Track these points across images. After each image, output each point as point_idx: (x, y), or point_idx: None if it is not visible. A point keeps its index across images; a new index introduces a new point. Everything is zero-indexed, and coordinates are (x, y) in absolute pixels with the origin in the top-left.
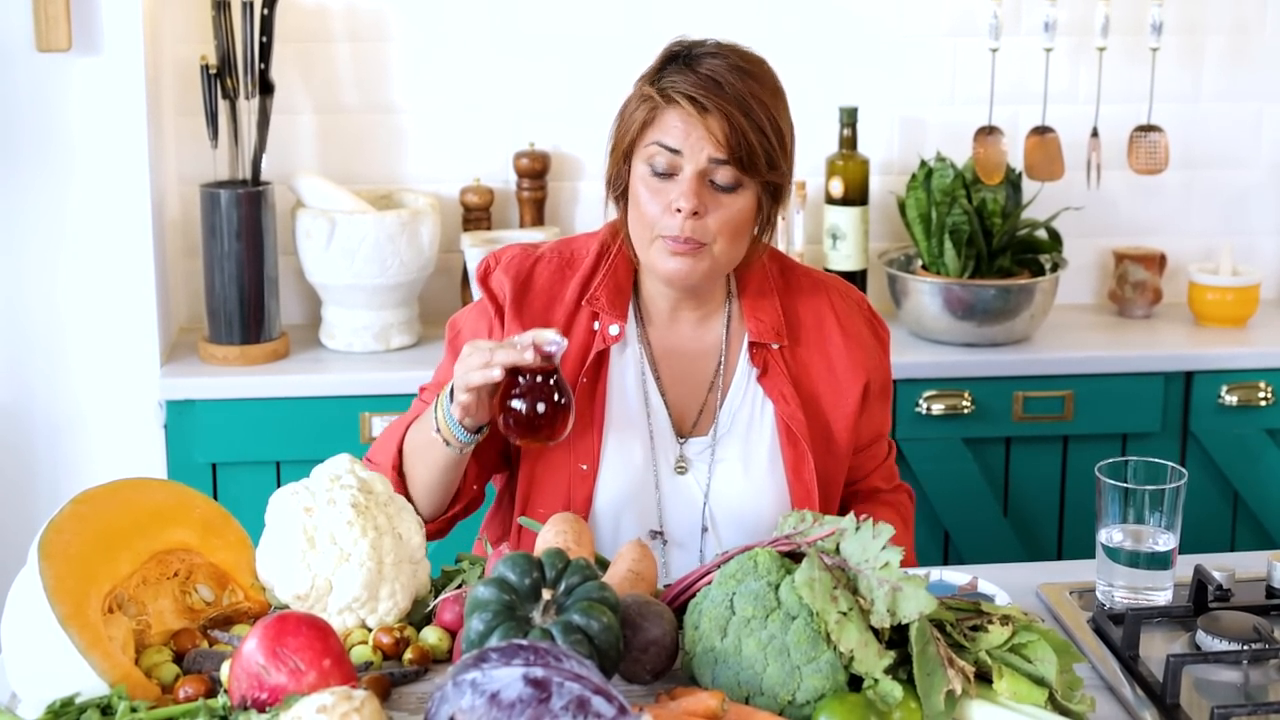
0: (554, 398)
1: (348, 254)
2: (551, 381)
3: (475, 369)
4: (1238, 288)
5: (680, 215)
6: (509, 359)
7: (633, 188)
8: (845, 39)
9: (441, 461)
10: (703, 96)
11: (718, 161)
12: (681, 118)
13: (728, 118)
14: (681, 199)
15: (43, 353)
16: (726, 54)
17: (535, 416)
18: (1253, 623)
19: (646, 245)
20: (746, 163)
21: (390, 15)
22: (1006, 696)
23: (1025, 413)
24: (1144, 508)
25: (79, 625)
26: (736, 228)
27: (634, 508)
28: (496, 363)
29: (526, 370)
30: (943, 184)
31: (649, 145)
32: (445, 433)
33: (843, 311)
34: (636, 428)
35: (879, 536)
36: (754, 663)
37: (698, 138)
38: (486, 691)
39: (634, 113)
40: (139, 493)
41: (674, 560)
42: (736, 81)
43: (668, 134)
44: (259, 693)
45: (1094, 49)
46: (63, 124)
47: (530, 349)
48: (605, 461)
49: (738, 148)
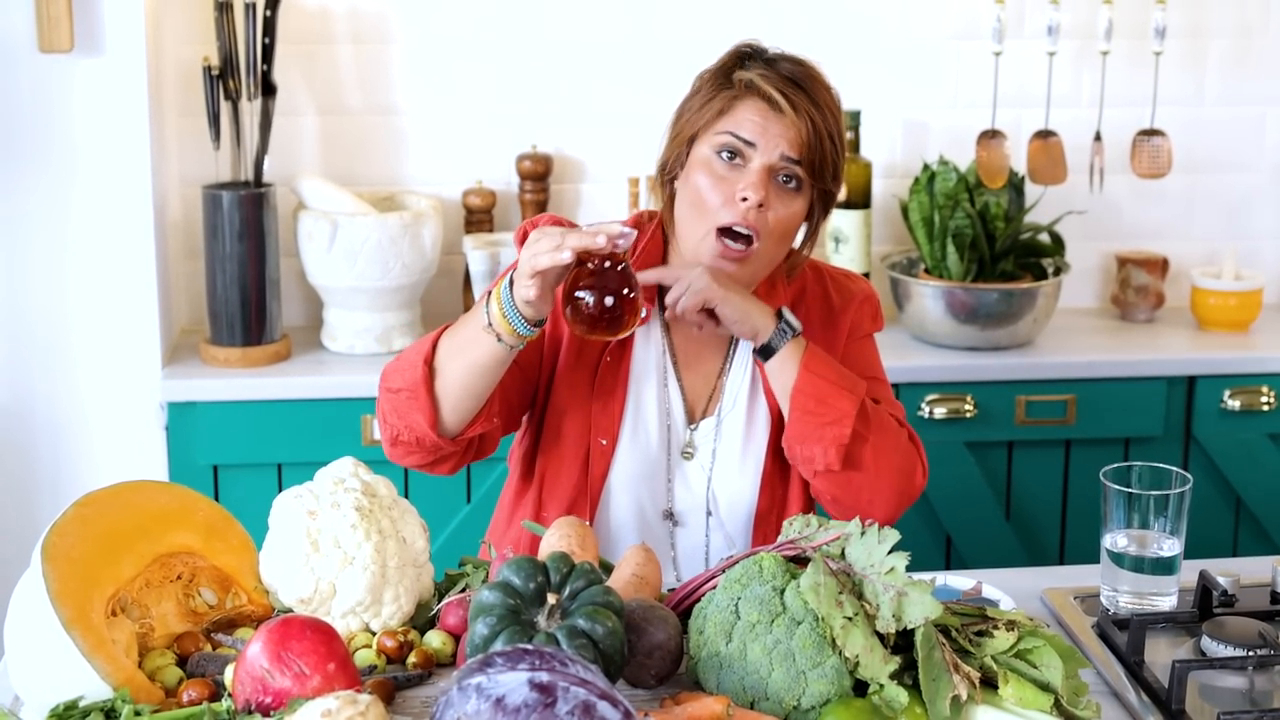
0: (623, 290)
1: (349, 256)
2: (621, 270)
3: (545, 251)
4: (1240, 292)
5: (745, 205)
6: (581, 243)
7: (689, 175)
8: (848, 42)
9: (484, 359)
10: (790, 93)
11: (790, 160)
12: (760, 111)
13: (810, 119)
14: (749, 189)
15: (44, 354)
16: (800, 62)
17: (604, 308)
18: (1258, 628)
19: (699, 236)
20: (817, 167)
21: (393, 17)
22: (1012, 702)
23: (1027, 417)
24: (1149, 513)
25: (82, 628)
26: (787, 228)
27: (646, 487)
28: (568, 245)
29: (596, 257)
30: (946, 187)
31: (720, 134)
32: (499, 325)
33: (837, 291)
34: (654, 409)
35: (884, 541)
36: (759, 668)
37: (775, 134)
38: (492, 696)
39: (710, 100)
40: (142, 495)
41: (681, 542)
42: (814, 88)
43: (743, 125)
44: (263, 696)
45: (1097, 53)
46: (65, 125)
47: (602, 235)
48: (623, 439)
49: (814, 150)
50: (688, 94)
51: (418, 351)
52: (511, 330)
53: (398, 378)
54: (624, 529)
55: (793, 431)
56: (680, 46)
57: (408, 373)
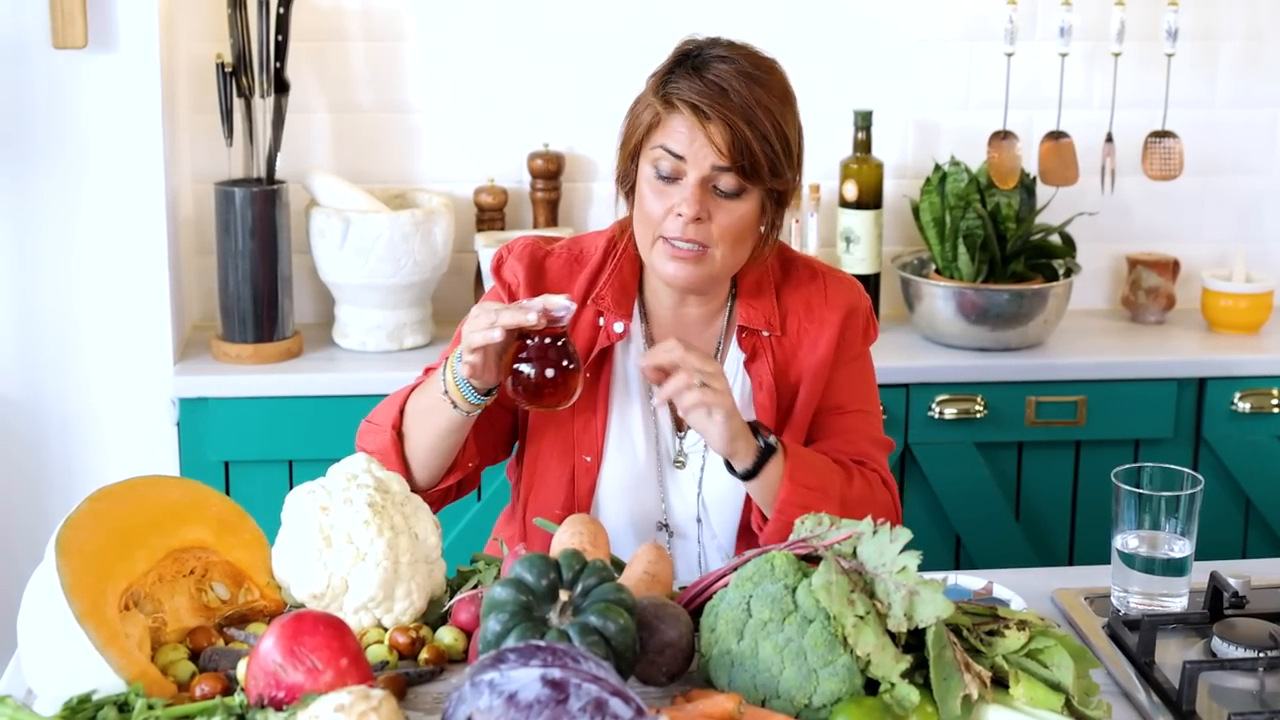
0: (562, 362)
1: (361, 253)
2: (560, 345)
3: (480, 329)
4: (1251, 294)
5: (682, 220)
6: (513, 320)
7: (638, 187)
8: (860, 42)
9: (445, 424)
10: (706, 105)
11: (721, 169)
12: (686, 124)
13: (730, 126)
14: (684, 205)
15: (56, 349)
16: (736, 58)
17: (543, 381)
18: (1269, 630)
19: (649, 245)
20: (749, 171)
21: (405, 15)
22: (1023, 701)
23: (1038, 417)
24: (1160, 514)
25: (96, 622)
26: (739, 233)
27: (636, 501)
28: (500, 324)
29: (535, 333)
30: (957, 188)
31: (654, 148)
32: (454, 394)
33: (834, 296)
34: (639, 423)
35: (896, 540)
36: (770, 666)
37: (701, 145)
38: (504, 692)
39: (641, 114)
40: (155, 490)
41: (678, 550)
42: (742, 88)
43: (672, 139)
44: (276, 691)
45: (1109, 54)
46: (78, 121)
47: (535, 311)
48: (608, 455)
49: (740, 156)
50: (634, 100)
51: (386, 415)
52: (464, 399)
53: (370, 439)
54: (618, 541)
55: (774, 534)
56: None
57: (378, 436)
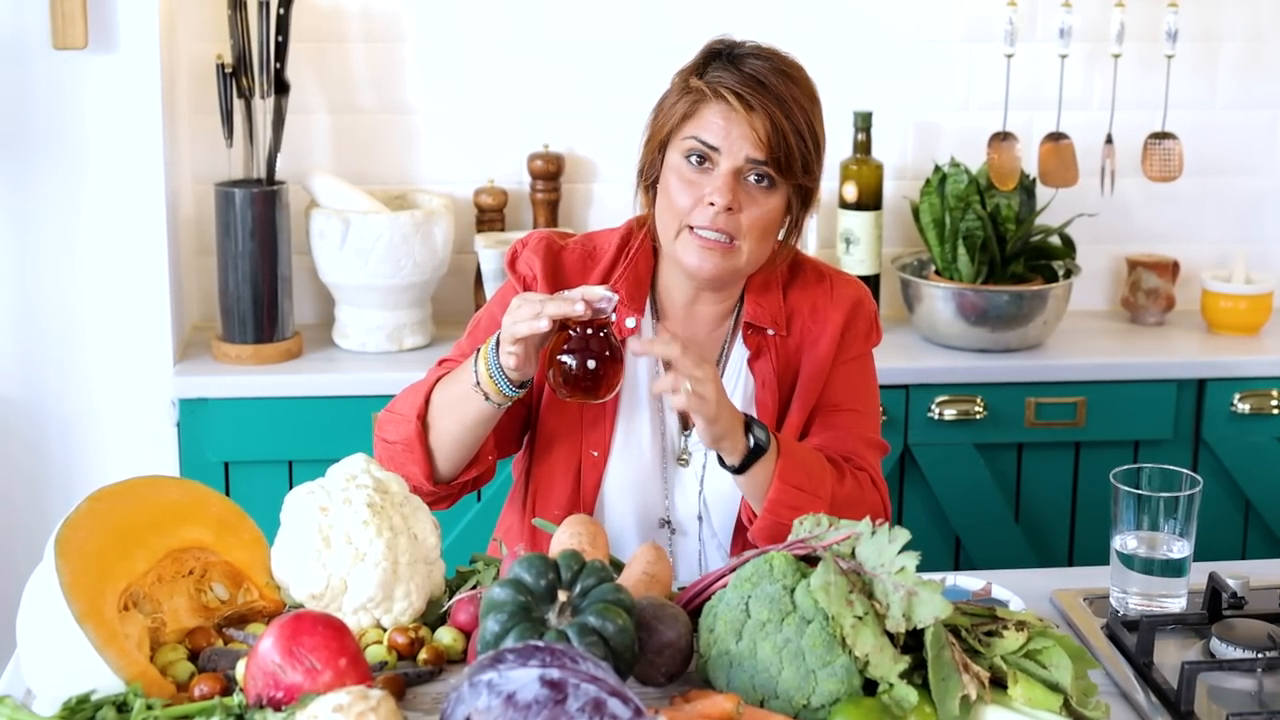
0: (605, 353)
1: (361, 254)
2: (602, 335)
3: (524, 319)
4: (1251, 295)
5: (714, 209)
6: (559, 311)
7: (664, 178)
8: (860, 43)
9: (474, 416)
10: (749, 94)
11: (755, 161)
12: (723, 114)
13: (770, 118)
14: (716, 194)
15: (56, 350)
16: (769, 56)
17: (585, 372)
18: (1267, 631)
19: (674, 236)
20: (784, 164)
21: (405, 16)
22: (1021, 702)
23: (1037, 419)
24: (1159, 515)
25: (95, 622)
26: (765, 227)
27: (641, 497)
28: (546, 314)
29: (577, 324)
30: (957, 189)
31: (687, 139)
32: (486, 385)
33: (839, 297)
34: (646, 419)
35: (895, 541)
36: (769, 666)
37: (738, 135)
38: (503, 692)
39: (675, 104)
40: (155, 490)
41: (679, 548)
42: (779, 83)
43: (707, 129)
44: (275, 691)
45: (1109, 55)
46: (78, 121)
47: (580, 301)
48: (615, 450)
49: (777, 148)
50: (661, 95)
51: (411, 405)
52: (498, 390)
53: (392, 429)
54: (621, 537)
55: (762, 530)
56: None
57: (402, 426)
